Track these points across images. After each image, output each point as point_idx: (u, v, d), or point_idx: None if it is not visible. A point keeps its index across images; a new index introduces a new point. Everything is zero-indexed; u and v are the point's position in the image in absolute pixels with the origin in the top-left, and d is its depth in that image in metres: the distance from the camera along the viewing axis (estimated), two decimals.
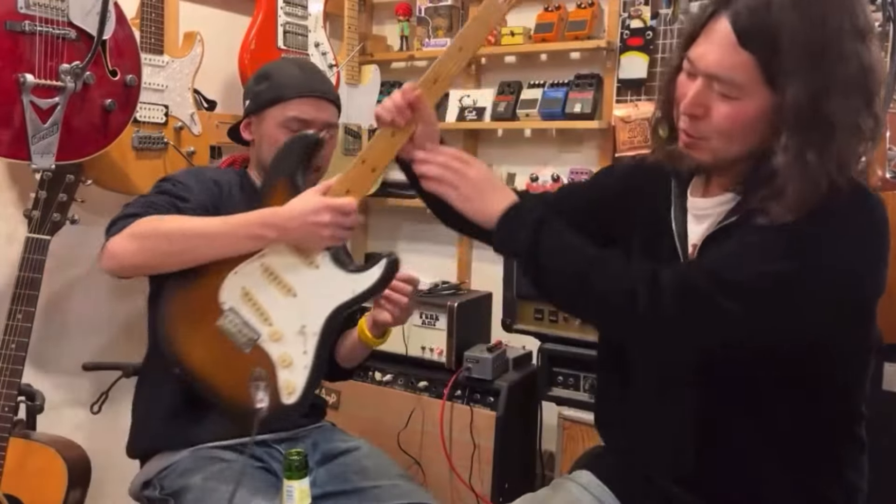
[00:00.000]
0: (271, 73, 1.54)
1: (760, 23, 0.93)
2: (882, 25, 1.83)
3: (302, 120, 1.49)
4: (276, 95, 1.50)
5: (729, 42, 0.95)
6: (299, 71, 1.54)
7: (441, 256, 2.98)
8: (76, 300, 2.10)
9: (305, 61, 1.53)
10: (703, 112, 1.01)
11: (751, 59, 0.94)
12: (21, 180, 1.92)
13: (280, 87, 1.51)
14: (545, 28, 2.56)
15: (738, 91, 0.97)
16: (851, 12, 0.95)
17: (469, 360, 2.28)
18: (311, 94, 1.51)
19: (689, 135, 1.05)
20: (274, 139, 1.47)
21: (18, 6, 1.54)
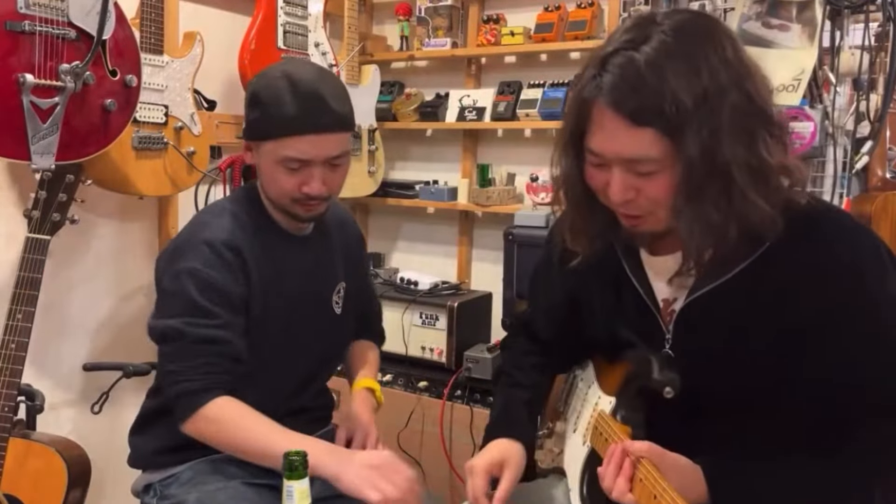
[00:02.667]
0: (262, 99, 1.32)
1: (639, 97, 0.91)
2: (882, 25, 1.83)
3: (298, 160, 1.32)
4: (267, 132, 1.32)
5: (623, 126, 0.93)
6: (292, 98, 1.29)
7: (441, 256, 2.98)
8: (76, 300, 2.10)
9: (303, 79, 1.31)
10: (634, 194, 0.99)
11: (651, 131, 0.92)
12: (21, 180, 1.92)
13: (271, 122, 1.31)
14: (545, 28, 2.56)
15: (657, 164, 0.95)
16: (716, 48, 0.94)
17: (469, 360, 2.28)
18: (308, 130, 1.30)
19: (631, 216, 1.03)
20: (272, 177, 1.35)
21: (18, 6, 1.54)
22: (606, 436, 1.13)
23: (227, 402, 1.29)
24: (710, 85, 0.91)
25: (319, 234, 1.52)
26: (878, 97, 1.85)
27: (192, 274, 1.31)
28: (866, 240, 1.02)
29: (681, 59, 0.91)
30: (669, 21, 0.95)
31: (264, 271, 1.39)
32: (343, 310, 1.55)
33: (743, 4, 1.90)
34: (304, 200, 1.36)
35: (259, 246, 1.39)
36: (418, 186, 2.88)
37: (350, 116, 1.37)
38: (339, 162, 1.37)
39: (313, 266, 1.49)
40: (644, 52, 0.92)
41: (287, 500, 1.16)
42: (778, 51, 1.86)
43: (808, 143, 1.85)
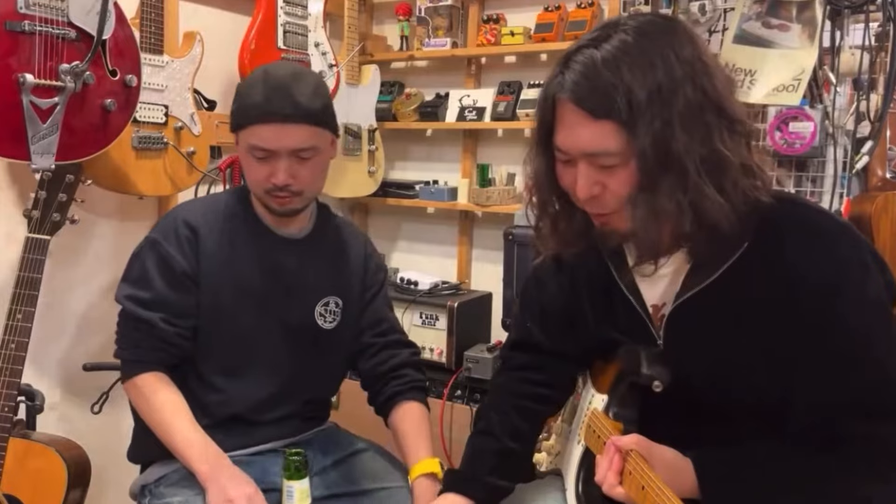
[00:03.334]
0: (239, 92, 1.42)
1: (597, 91, 0.95)
2: (882, 25, 1.83)
3: (263, 149, 1.36)
4: (237, 121, 1.40)
5: (584, 120, 0.97)
6: (263, 89, 1.35)
7: (441, 256, 2.98)
8: (76, 300, 2.10)
9: (278, 74, 1.37)
10: (600, 189, 1.01)
11: (609, 124, 0.95)
12: (21, 180, 1.92)
13: (241, 111, 1.39)
14: (545, 28, 2.56)
15: (618, 157, 0.97)
16: (674, 46, 0.96)
17: (469, 360, 2.28)
18: (270, 118, 1.34)
19: (599, 214, 1.05)
20: (246, 167, 1.43)
21: (18, 6, 1.54)
22: (599, 433, 1.14)
23: (151, 379, 1.41)
24: (663, 79, 0.94)
25: (314, 242, 1.52)
26: (878, 97, 1.84)
27: (152, 244, 1.44)
28: (848, 242, 1.02)
29: (637, 55, 0.94)
30: (632, 22, 0.99)
31: (223, 256, 1.43)
32: (337, 326, 1.53)
33: (743, 4, 1.90)
34: (274, 192, 1.39)
35: (227, 231, 1.45)
36: (418, 186, 2.88)
37: (320, 112, 1.38)
38: (307, 156, 1.38)
39: (292, 272, 1.48)
40: (604, 49, 0.96)
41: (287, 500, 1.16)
42: (778, 51, 1.86)
43: (808, 143, 1.85)
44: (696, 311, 1.07)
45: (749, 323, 1.03)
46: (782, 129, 1.88)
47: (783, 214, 1.03)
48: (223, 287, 1.43)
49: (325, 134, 1.42)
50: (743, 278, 1.03)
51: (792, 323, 1.00)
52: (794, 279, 1.00)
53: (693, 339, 1.08)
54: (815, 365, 1.00)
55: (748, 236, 1.01)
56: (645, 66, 0.94)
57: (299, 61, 2.32)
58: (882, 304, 1.01)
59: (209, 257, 1.43)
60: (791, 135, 1.87)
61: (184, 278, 1.41)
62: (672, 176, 0.95)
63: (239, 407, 1.44)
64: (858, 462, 1.00)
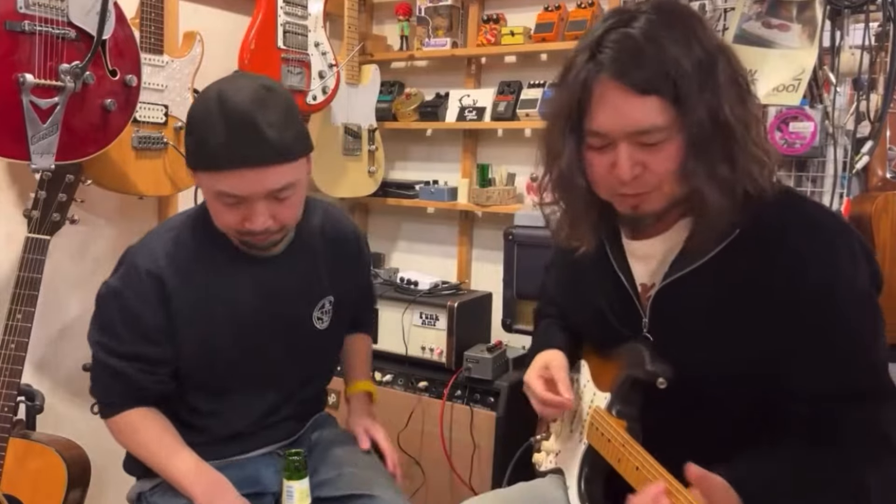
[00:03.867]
0: (193, 125, 1.22)
1: (643, 66, 0.95)
2: (882, 25, 1.83)
3: (234, 195, 1.21)
4: (198, 163, 1.22)
5: (629, 96, 0.96)
6: (223, 127, 1.16)
7: (441, 256, 2.98)
8: (76, 300, 2.10)
9: (237, 103, 1.17)
10: (641, 170, 1.02)
11: (657, 99, 0.96)
12: (21, 180, 1.92)
13: (201, 153, 1.20)
14: (545, 28, 2.56)
15: (665, 133, 0.98)
16: (696, 24, 1.00)
17: (469, 360, 2.28)
18: (240, 165, 1.17)
19: (636, 195, 1.05)
20: (213, 210, 1.27)
21: (18, 6, 1.54)
22: (602, 431, 1.15)
23: (131, 417, 1.35)
24: (701, 52, 0.97)
25: (295, 252, 1.41)
26: (878, 97, 1.84)
27: (116, 294, 1.32)
28: (841, 234, 1.04)
29: (673, 30, 0.97)
30: (648, 5, 1.01)
31: (199, 297, 1.32)
32: (330, 323, 1.48)
33: (743, 4, 1.90)
34: (251, 234, 1.26)
35: (200, 272, 1.33)
36: (418, 186, 2.88)
37: (294, 144, 1.22)
38: (286, 194, 1.23)
39: (283, 287, 1.39)
40: (636, 27, 0.97)
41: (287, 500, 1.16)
42: (778, 51, 1.86)
43: (808, 143, 1.85)
44: (682, 292, 1.09)
45: (735, 308, 1.05)
46: (782, 129, 1.88)
47: (782, 205, 1.05)
48: (207, 329, 1.34)
49: (302, 162, 1.26)
50: (733, 264, 1.04)
51: (781, 312, 1.02)
52: (790, 270, 1.01)
53: (677, 320, 1.10)
54: (805, 353, 1.02)
55: (741, 223, 1.03)
56: (684, 40, 0.96)
57: (299, 61, 2.32)
58: (869, 293, 1.04)
59: (184, 307, 1.31)
60: (791, 135, 1.87)
61: (154, 332, 1.31)
62: (721, 142, 0.98)
63: (237, 425, 1.41)
64: (853, 449, 1.01)
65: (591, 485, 1.19)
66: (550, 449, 1.35)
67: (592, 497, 1.19)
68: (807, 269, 1.01)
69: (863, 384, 1.02)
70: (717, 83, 0.97)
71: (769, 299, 1.03)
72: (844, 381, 1.02)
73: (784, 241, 1.03)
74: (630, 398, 1.15)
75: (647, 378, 1.09)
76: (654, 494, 0.95)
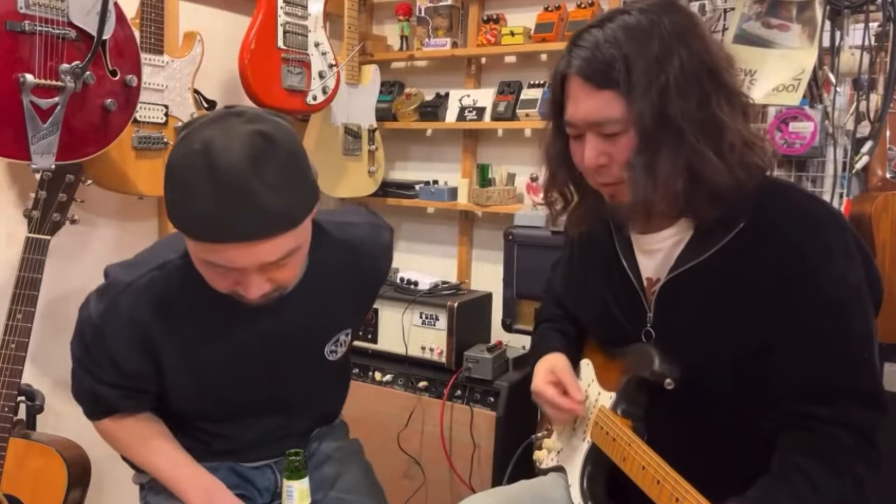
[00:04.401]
0: (178, 185, 1.01)
1: (599, 63, 1.03)
2: (882, 25, 1.83)
3: (225, 267, 1.05)
4: (182, 227, 1.04)
5: (589, 90, 1.04)
6: (212, 192, 0.97)
7: (441, 256, 2.98)
8: (76, 300, 2.09)
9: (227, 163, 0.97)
10: (606, 159, 1.07)
11: (611, 93, 1.02)
12: (21, 180, 1.92)
13: (188, 219, 1.02)
14: (545, 28, 2.56)
15: (622, 124, 1.03)
16: (673, 21, 1.03)
17: (469, 360, 2.28)
18: (233, 240, 1.00)
19: (607, 184, 1.10)
20: (203, 272, 1.10)
21: (18, 6, 1.54)
22: (608, 430, 1.15)
23: (115, 423, 1.32)
24: (659, 48, 1.01)
25: (305, 292, 1.25)
26: (878, 97, 1.84)
27: (96, 329, 1.22)
28: (835, 228, 1.05)
29: (636, 29, 1.02)
30: (637, 4, 1.06)
31: (190, 346, 1.22)
32: (344, 353, 1.41)
33: (743, 4, 1.90)
34: (245, 299, 1.10)
35: (190, 320, 1.20)
36: (418, 186, 2.88)
37: (297, 208, 1.04)
38: (285, 262, 1.07)
39: (289, 331, 1.27)
40: (607, 27, 1.04)
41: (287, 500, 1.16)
42: (778, 51, 1.86)
43: (808, 143, 1.85)
44: (686, 286, 1.10)
45: (738, 302, 1.06)
46: (782, 129, 1.88)
47: (777, 199, 1.07)
48: (200, 376, 1.25)
49: (306, 224, 1.09)
50: (736, 258, 1.06)
51: (776, 305, 1.03)
52: (782, 263, 1.03)
53: (682, 313, 1.11)
54: (794, 348, 1.03)
55: (743, 218, 1.05)
56: (642, 38, 1.01)
57: (299, 61, 2.32)
58: (861, 292, 1.04)
59: (172, 357, 1.22)
60: (791, 135, 1.87)
61: (135, 374, 1.24)
62: (669, 138, 1.01)
63: (240, 442, 1.38)
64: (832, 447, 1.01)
65: (594, 483, 1.20)
66: (552, 447, 1.35)
67: (594, 495, 1.19)
68: (802, 266, 1.02)
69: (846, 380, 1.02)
70: (666, 80, 0.99)
71: (768, 294, 1.04)
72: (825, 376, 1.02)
73: (782, 237, 1.04)
74: (635, 398, 1.15)
75: (655, 379, 1.09)
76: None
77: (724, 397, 1.09)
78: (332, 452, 1.47)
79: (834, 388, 1.02)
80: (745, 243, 1.05)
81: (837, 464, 1.00)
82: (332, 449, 1.48)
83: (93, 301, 1.25)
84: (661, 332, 1.14)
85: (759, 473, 1.04)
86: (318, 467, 1.43)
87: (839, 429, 1.01)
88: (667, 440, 1.08)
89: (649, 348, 1.12)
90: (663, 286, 1.13)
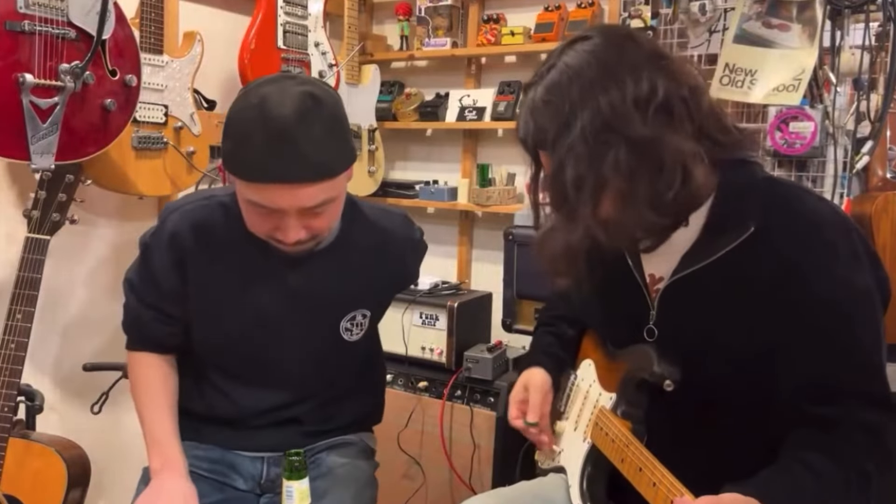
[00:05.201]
0: (231, 130, 1.18)
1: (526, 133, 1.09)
2: (882, 25, 1.83)
3: (268, 207, 1.18)
4: (233, 169, 1.18)
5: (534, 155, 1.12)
6: (262, 140, 1.12)
7: (441, 256, 2.97)
8: (76, 300, 2.10)
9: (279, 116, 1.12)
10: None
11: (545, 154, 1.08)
12: (21, 180, 1.92)
13: (237, 162, 1.17)
14: (545, 28, 2.56)
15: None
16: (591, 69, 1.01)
17: (469, 360, 2.28)
18: (276, 180, 1.14)
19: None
20: (245, 213, 1.24)
21: (18, 6, 1.54)
22: (607, 431, 1.15)
23: (143, 358, 1.40)
24: (568, 114, 1.01)
25: (332, 258, 1.34)
26: (878, 97, 1.84)
27: (146, 249, 1.37)
28: (841, 229, 1.05)
29: (555, 93, 1.03)
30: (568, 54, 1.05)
31: (216, 279, 1.33)
32: (363, 337, 1.43)
33: (743, 4, 1.90)
34: (281, 243, 1.23)
35: (223, 254, 1.32)
36: (418, 186, 2.88)
37: (336, 161, 1.18)
38: (321, 210, 1.20)
39: (310, 291, 1.35)
40: (538, 91, 1.05)
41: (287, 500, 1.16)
42: (778, 51, 1.86)
43: (809, 143, 1.85)
44: (691, 288, 1.10)
45: (744, 304, 1.05)
46: (782, 129, 1.88)
47: (785, 201, 1.06)
48: (218, 312, 1.34)
49: (343, 178, 1.22)
50: (744, 260, 1.05)
51: (782, 307, 1.03)
52: (789, 265, 1.02)
53: (685, 314, 1.11)
54: (798, 347, 1.03)
55: (753, 221, 1.04)
56: (556, 105, 1.02)
57: (299, 61, 2.32)
58: (869, 294, 1.03)
59: (199, 282, 1.33)
60: (791, 135, 1.87)
61: (170, 293, 1.35)
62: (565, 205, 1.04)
63: (238, 410, 1.40)
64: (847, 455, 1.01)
65: (594, 484, 1.20)
66: (553, 447, 1.35)
67: (594, 496, 1.19)
68: (808, 268, 1.02)
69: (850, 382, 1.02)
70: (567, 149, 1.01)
71: (775, 297, 1.03)
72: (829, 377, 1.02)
73: (790, 240, 1.03)
74: (635, 399, 1.15)
75: (654, 380, 1.09)
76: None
77: (725, 399, 1.09)
78: (336, 468, 1.42)
79: (841, 389, 1.01)
80: (754, 246, 1.05)
81: (843, 456, 0.99)
82: (337, 464, 1.43)
83: (149, 230, 1.39)
84: (664, 331, 1.14)
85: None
86: (315, 479, 1.37)
87: (848, 428, 1.00)
88: (666, 441, 1.08)
89: (649, 349, 1.12)
90: (668, 286, 1.12)
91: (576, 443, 1.27)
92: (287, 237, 1.20)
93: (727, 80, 1.92)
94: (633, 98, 0.99)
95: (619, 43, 1.05)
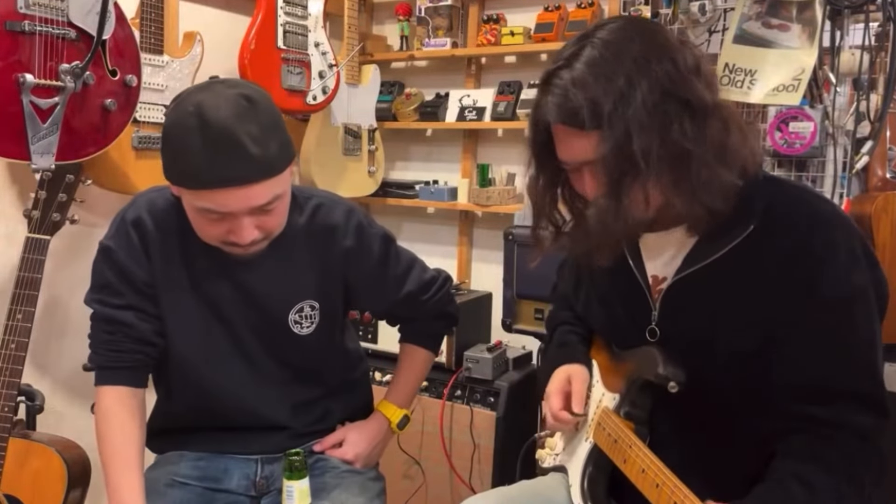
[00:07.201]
0: (170, 141, 1.18)
1: (571, 108, 1.02)
2: (882, 25, 1.83)
3: (218, 212, 1.18)
4: (178, 179, 1.19)
5: (571, 133, 1.04)
6: (201, 145, 1.12)
7: (441, 256, 2.98)
8: (76, 300, 2.10)
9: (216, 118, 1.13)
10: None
11: (596, 132, 1.01)
12: (21, 180, 1.92)
13: (180, 172, 1.17)
14: (545, 28, 2.56)
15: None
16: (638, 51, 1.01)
17: (469, 360, 2.28)
18: (222, 185, 1.14)
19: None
20: (195, 223, 1.25)
21: (18, 6, 1.54)
22: (610, 431, 1.15)
23: (114, 406, 1.31)
24: (623, 85, 0.99)
25: (271, 253, 1.34)
26: (878, 97, 1.84)
27: (105, 251, 1.33)
28: (840, 228, 1.05)
29: (601, 66, 1.01)
30: (601, 33, 1.04)
31: (174, 269, 1.33)
32: (316, 329, 1.41)
33: (743, 4, 1.90)
34: (237, 245, 1.23)
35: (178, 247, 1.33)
36: (418, 186, 2.88)
37: (278, 157, 1.18)
38: (271, 207, 1.21)
39: (257, 287, 1.35)
40: (575, 69, 1.03)
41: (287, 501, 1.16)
42: (778, 51, 1.86)
43: (808, 143, 1.85)
44: (695, 287, 1.10)
45: (744, 303, 1.06)
46: (782, 129, 1.88)
47: (785, 201, 1.07)
48: (190, 308, 1.34)
49: (286, 173, 1.22)
50: (745, 260, 1.06)
51: (781, 305, 1.03)
52: (788, 264, 1.03)
53: (687, 314, 1.12)
54: (794, 344, 1.03)
55: (754, 220, 1.05)
56: (607, 78, 1.00)
57: (299, 61, 2.32)
58: (866, 295, 1.03)
59: (164, 276, 1.33)
60: (791, 135, 1.87)
61: (145, 286, 1.33)
62: (629, 177, 1.01)
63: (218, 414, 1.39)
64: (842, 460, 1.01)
65: (595, 484, 1.20)
66: (554, 446, 1.35)
67: (595, 496, 1.19)
68: (807, 267, 1.02)
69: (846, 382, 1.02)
70: (628, 118, 0.99)
71: (773, 295, 1.04)
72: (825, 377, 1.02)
73: (790, 240, 1.04)
74: (640, 400, 1.15)
75: (659, 382, 1.09)
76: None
77: (727, 400, 1.09)
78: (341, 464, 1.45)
79: (834, 389, 1.01)
80: (754, 245, 1.05)
81: (834, 464, 1.00)
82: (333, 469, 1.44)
83: (102, 239, 1.36)
84: (666, 331, 1.14)
85: (762, 477, 1.04)
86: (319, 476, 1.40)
87: (838, 431, 1.01)
88: (669, 443, 1.08)
89: (654, 351, 1.12)
90: (670, 287, 1.13)
91: (578, 442, 1.27)
92: (242, 238, 1.21)
93: (727, 80, 1.91)
94: (685, 67, 1.02)
95: (648, 24, 1.09)
